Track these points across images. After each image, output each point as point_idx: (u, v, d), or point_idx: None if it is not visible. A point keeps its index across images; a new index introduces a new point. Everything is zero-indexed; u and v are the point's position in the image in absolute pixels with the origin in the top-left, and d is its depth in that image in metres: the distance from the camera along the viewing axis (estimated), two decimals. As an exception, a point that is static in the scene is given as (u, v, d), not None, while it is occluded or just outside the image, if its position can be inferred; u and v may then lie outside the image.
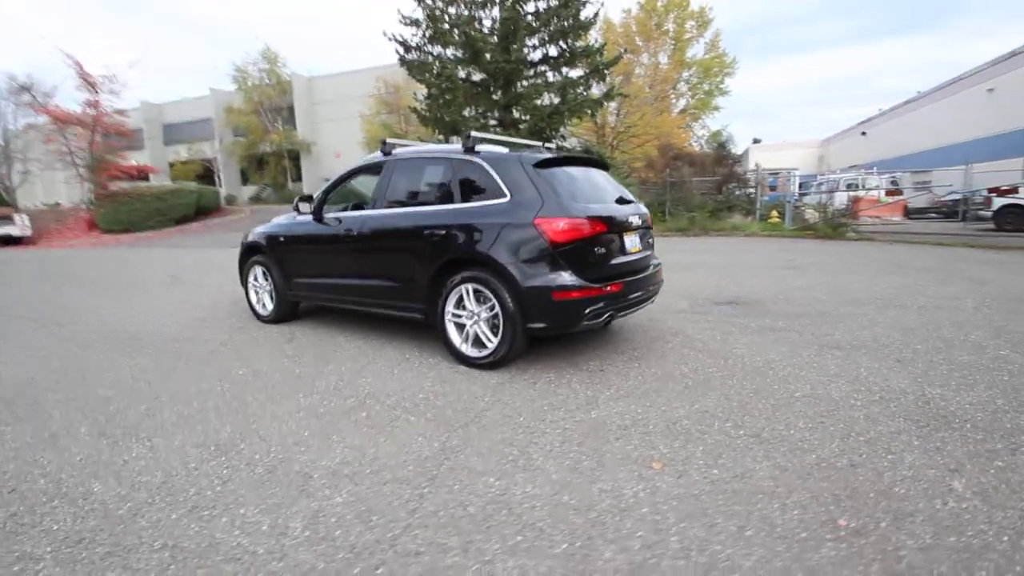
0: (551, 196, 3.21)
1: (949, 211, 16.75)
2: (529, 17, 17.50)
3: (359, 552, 1.67)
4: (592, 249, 3.23)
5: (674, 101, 31.92)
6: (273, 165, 31.23)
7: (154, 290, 7.12)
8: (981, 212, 13.22)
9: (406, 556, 1.65)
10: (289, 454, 2.34)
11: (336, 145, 30.69)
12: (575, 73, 18.20)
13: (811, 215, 14.62)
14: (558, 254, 3.13)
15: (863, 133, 32.30)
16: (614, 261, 3.39)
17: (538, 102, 17.94)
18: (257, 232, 4.95)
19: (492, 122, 18.20)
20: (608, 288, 3.23)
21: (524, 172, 3.31)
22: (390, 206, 3.95)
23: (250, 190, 32.91)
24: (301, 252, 4.56)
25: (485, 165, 3.45)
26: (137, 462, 2.30)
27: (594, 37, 19.12)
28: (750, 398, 2.82)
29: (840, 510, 1.82)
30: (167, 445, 2.45)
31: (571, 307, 3.12)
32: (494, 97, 18.37)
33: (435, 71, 17.99)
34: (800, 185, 19.09)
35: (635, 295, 3.51)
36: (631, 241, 3.59)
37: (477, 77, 18.39)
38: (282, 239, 4.63)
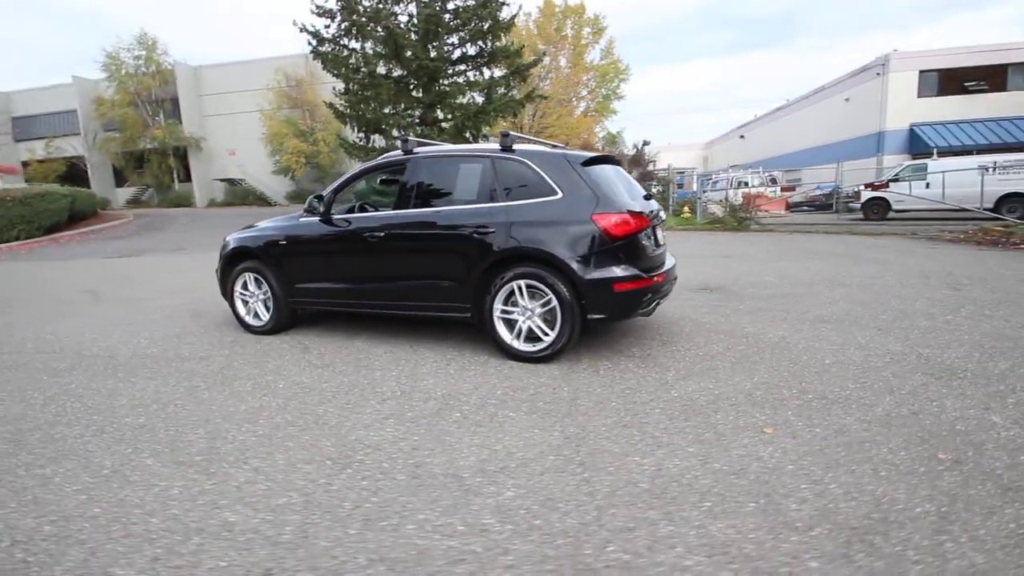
0: (602, 193, 3.38)
1: (822, 204, 19.50)
2: (447, 16, 17.42)
3: (576, 535, 1.73)
4: (641, 242, 3.46)
5: (575, 103, 33.62)
6: (156, 164, 27.76)
7: (83, 307, 6.16)
8: (851, 204, 15.57)
9: (623, 532, 1.74)
10: (417, 459, 2.29)
11: (230, 142, 28.15)
12: (497, 73, 18.43)
13: (715, 210, 16.28)
14: (616, 248, 3.32)
15: (742, 136, 36.32)
16: (653, 253, 3.65)
17: (462, 100, 17.94)
18: (244, 237, 4.55)
19: (416, 120, 17.85)
20: (655, 278, 3.48)
21: (574, 170, 3.45)
22: (418, 205, 3.87)
23: (127, 192, 29.10)
24: (309, 256, 4.28)
25: (531, 163, 3.53)
26: (253, 487, 2.11)
27: (508, 39, 19.41)
28: (793, 368, 3.23)
29: (933, 447, 2.21)
30: (272, 466, 2.27)
31: (631, 297, 3.33)
32: (415, 95, 18.05)
33: (354, 66, 17.26)
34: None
35: (667, 285, 3.80)
36: (660, 234, 3.88)
37: (397, 73, 17.93)
38: (283, 242, 4.30)
